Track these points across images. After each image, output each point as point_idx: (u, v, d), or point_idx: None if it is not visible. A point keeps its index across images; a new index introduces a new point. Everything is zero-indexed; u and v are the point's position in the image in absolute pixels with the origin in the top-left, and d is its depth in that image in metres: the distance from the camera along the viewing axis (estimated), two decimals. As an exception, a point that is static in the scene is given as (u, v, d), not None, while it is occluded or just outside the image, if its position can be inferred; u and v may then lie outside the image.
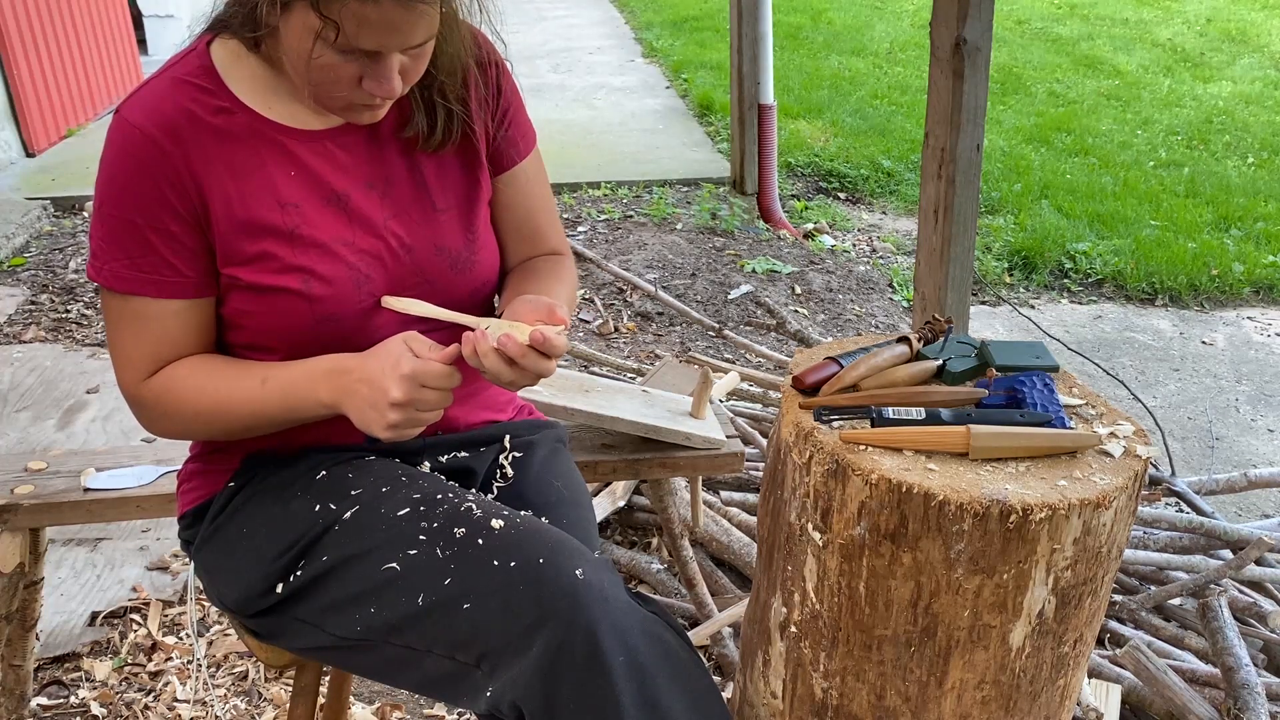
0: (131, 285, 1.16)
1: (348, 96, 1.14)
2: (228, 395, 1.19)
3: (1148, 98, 7.17)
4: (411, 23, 1.08)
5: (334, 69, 1.10)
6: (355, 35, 1.06)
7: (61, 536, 2.45)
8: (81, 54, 5.81)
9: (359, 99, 1.14)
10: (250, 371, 1.20)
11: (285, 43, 1.10)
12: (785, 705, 1.25)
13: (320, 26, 1.05)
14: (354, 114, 1.18)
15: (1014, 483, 1.05)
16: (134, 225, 1.14)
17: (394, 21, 1.06)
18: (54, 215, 4.64)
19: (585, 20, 9.59)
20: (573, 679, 1.06)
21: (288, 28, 1.09)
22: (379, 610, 1.15)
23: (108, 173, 1.15)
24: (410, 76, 1.15)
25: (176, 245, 1.16)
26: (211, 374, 1.20)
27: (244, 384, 1.19)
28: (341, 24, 1.05)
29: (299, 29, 1.07)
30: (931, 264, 2.55)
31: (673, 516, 2.19)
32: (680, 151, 5.74)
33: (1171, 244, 4.72)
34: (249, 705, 2.01)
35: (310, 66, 1.10)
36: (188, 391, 1.20)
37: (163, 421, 1.23)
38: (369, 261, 1.22)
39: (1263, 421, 3.48)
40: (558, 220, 1.45)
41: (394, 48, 1.09)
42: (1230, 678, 1.81)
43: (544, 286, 1.32)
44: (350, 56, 1.09)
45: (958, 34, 2.30)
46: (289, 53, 1.11)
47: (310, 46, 1.07)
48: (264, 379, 1.18)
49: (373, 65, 1.11)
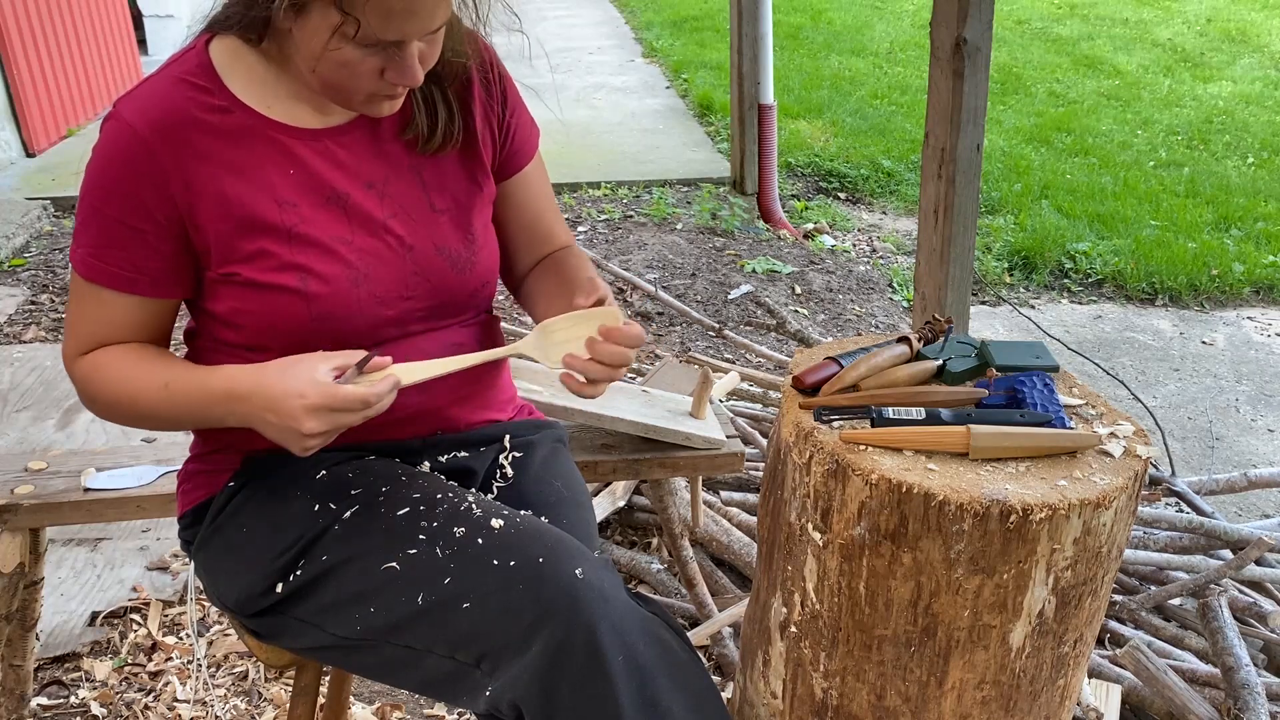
0: (94, 274, 1.18)
1: (369, 89, 1.14)
2: (135, 392, 1.19)
3: (1148, 98, 7.17)
4: (432, 6, 1.08)
5: (355, 64, 1.10)
6: (380, 28, 1.07)
7: (61, 536, 2.45)
8: (81, 54, 5.81)
9: (381, 90, 1.15)
10: (158, 374, 1.19)
11: (301, 43, 1.10)
12: (785, 705, 1.25)
13: (340, 22, 1.06)
14: (374, 106, 1.18)
15: (1014, 483, 1.05)
16: (108, 220, 1.15)
17: (415, 8, 1.07)
18: (54, 215, 4.64)
19: (585, 20, 9.58)
20: (572, 679, 1.06)
21: (304, 28, 1.09)
22: (379, 610, 1.15)
23: (95, 165, 1.16)
24: (427, 62, 1.16)
25: (146, 247, 1.17)
26: (130, 365, 1.20)
27: (150, 384, 1.18)
28: (364, 18, 1.05)
29: (318, 27, 1.07)
30: (931, 264, 2.55)
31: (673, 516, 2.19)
32: (680, 151, 5.74)
33: (1171, 244, 4.72)
34: (249, 705, 2.01)
35: (329, 63, 1.10)
36: (107, 378, 1.21)
37: (85, 399, 1.24)
38: (368, 260, 1.22)
39: (1263, 421, 3.48)
40: (560, 214, 1.47)
41: (415, 34, 1.10)
42: (1230, 678, 1.81)
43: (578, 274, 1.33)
44: (371, 50, 1.09)
45: (958, 34, 2.30)
46: (306, 52, 1.11)
47: (330, 43, 1.08)
48: (166, 384, 1.18)
49: (394, 56, 1.11)
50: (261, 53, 1.19)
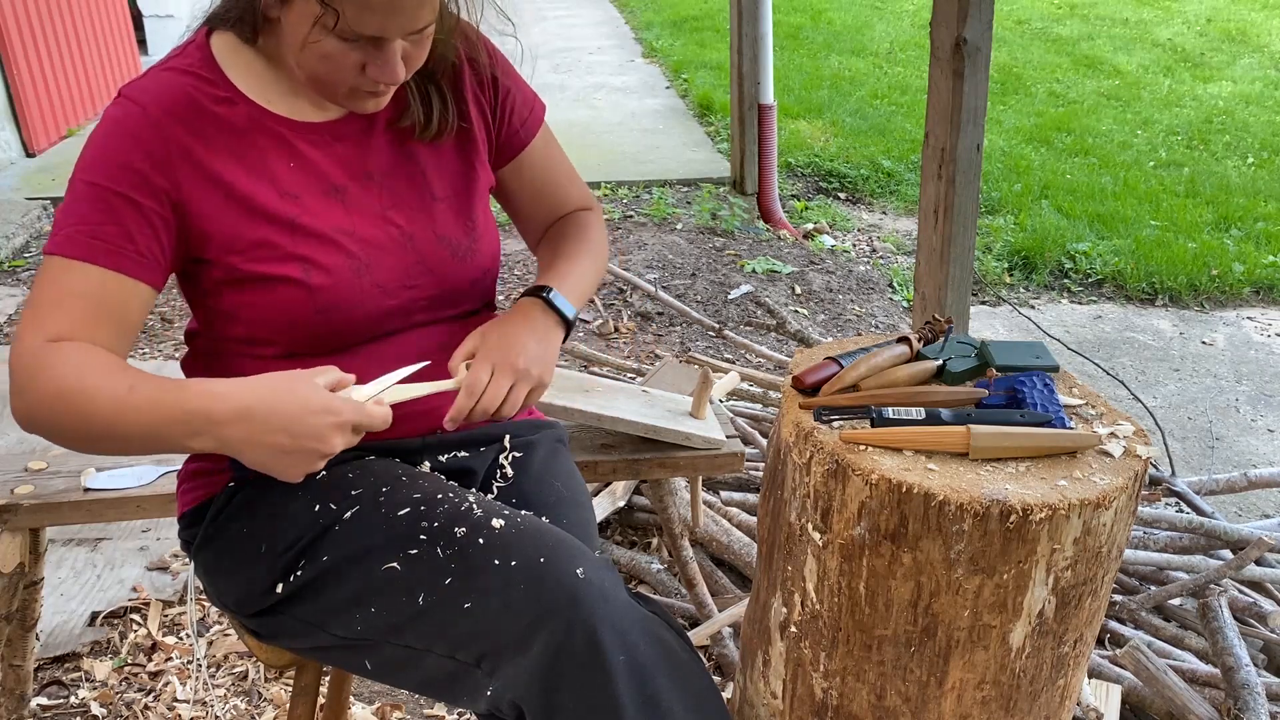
0: (83, 251, 1.10)
1: (351, 84, 1.14)
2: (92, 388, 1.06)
3: (1148, 98, 7.17)
4: (414, 6, 1.08)
5: (337, 57, 1.10)
6: (357, 20, 1.07)
7: (61, 536, 2.45)
8: (81, 54, 5.81)
9: (363, 86, 1.15)
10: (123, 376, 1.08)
11: (287, 33, 1.11)
12: (785, 705, 1.25)
13: (320, 13, 1.06)
14: (357, 102, 1.18)
15: (1014, 483, 1.05)
16: (106, 193, 1.10)
17: (396, 4, 1.07)
18: (54, 215, 4.64)
19: (585, 20, 9.59)
20: (573, 678, 1.06)
21: (289, 19, 1.10)
22: (379, 610, 1.15)
23: (97, 141, 1.12)
24: (413, 63, 1.16)
25: (142, 222, 1.12)
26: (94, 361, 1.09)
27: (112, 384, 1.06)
28: (343, 10, 1.06)
29: (301, 18, 1.08)
30: (931, 264, 2.55)
31: (673, 516, 2.19)
32: (680, 151, 5.74)
33: (1171, 244, 4.72)
34: (249, 705, 2.01)
35: (311, 55, 1.10)
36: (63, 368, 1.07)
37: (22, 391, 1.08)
38: (370, 251, 1.23)
39: (1263, 421, 3.48)
40: (577, 176, 1.48)
41: (396, 33, 1.10)
42: (1230, 678, 1.81)
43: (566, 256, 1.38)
44: (353, 44, 1.10)
45: (958, 34, 2.30)
46: (290, 43, 1.12)
47: (311, 34, 1.08)
48: (131, 386, 1.06)
49: (375, 52, 1.11)
50: (257, 49, 1.20)
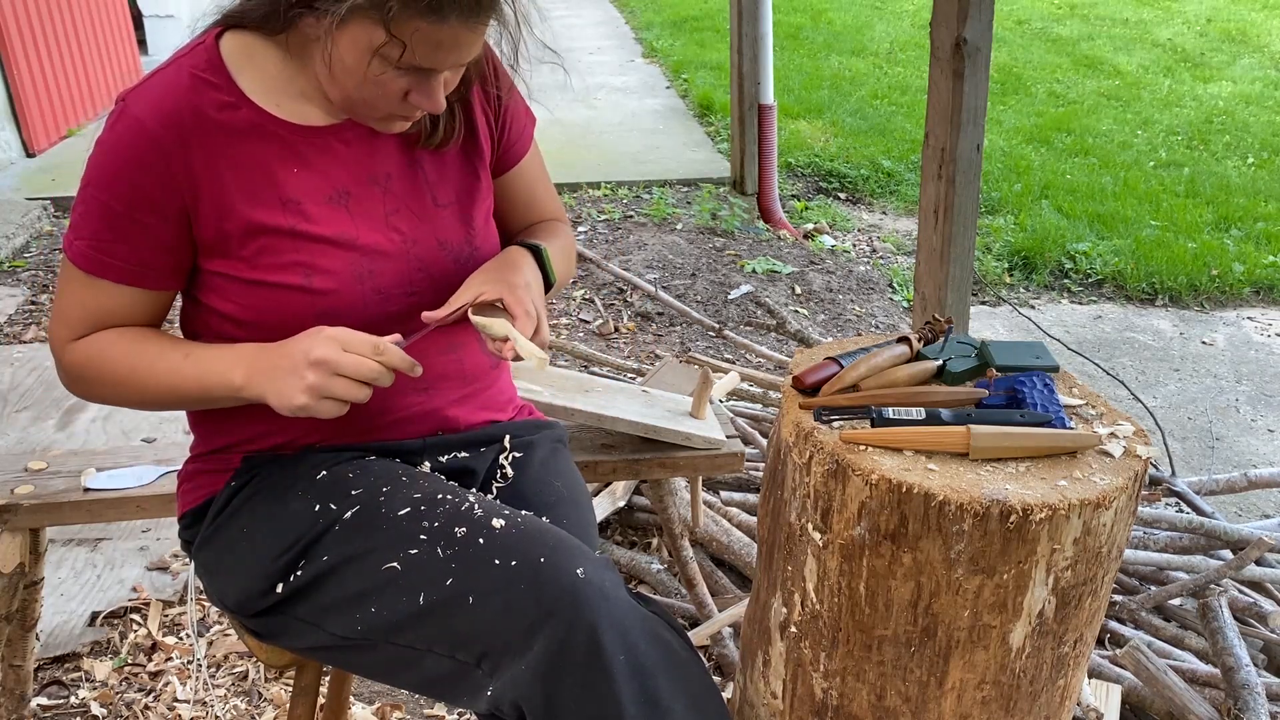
0: (96, 268, 1.18)
1: (389, 109, 1.16)
2: (150, 364, 1.19)
3: (1148, 98, 7.17)
4: (471, 42, 1.11)
5: (385, 84, 1.12)
6: (419, 54, 1.08)
7: (61, 536, 2.45)
8: (81, 54, 5.81)
9: (400, 111, 1.16)
10: (176, 345, 1.21)
11: (337, 55, 1.11)
12: (785, 705, 1.25)
13: (384, 43, 1.07)
14: (388, 124, 1.20)
15: (1014, 483, 1.05)
16: (114, 213, 1.15)
17: (459, 41, 1.09)
18: (54, 215, 4.64)
19: (585, 20, 9.59)
20: (573, 678, 1.06)
21: (342, 41, 1.09)
22: (379, 610, 1.15)
23: (101, 158, 1.15)
24: (448, 90, 1.18)
25: (151, 239, 1.17)
26: (138, 341, 1.21)
27: (168, 355, 1.19)
28: (410, 43, 1.07)
29: (357, 43, 1.08)
30: (931, 264, 2.55)
31: (673, 516, 2.19)
32: (680, 151, 5.74)
33: (1171, 244, 4.72)
34: (249, 705, 2.01)
35: (357, 78, 1.11)
36: (111, 358, 1.20)
37: (80, 382, 1.23)
38: (372, 256, 1.23)
39: (1263, 421, 3.48)
40: (554, 191, 1.50)
41: (449, 65, 1.12)
42: (1230, 678, 1.81)
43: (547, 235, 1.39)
44: (403, 72, 1.11)
45: (958, 34, 2.30)
46: (337, 65, 1.11)
47: (368, 61, 1.09)
48: (187, 354, 1.19)
49: (423, 81, 1.13)
50: (279, 48, 1.19)
